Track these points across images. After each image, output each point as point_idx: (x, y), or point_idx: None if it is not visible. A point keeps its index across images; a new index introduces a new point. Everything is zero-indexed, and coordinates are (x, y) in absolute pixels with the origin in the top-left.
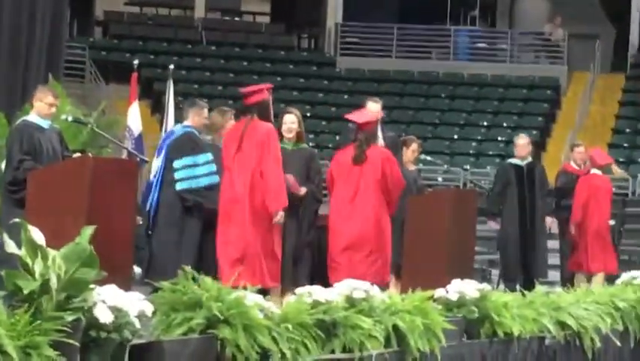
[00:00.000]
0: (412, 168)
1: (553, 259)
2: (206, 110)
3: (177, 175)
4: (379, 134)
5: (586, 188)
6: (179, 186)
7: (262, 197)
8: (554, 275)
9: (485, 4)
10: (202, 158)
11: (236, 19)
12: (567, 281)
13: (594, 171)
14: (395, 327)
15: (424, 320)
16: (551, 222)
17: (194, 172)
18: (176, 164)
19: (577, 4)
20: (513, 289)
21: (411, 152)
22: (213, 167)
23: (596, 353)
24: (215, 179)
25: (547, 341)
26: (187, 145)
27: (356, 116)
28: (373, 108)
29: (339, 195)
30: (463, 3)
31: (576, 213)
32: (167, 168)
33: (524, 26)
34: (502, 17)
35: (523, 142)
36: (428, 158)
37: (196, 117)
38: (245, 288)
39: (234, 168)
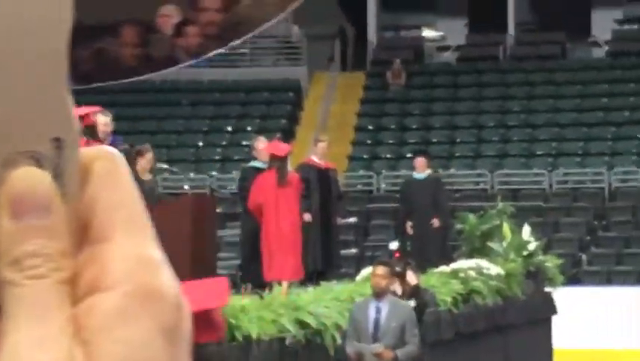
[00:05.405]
0: (148, 177)
1: None
2: None
3: None
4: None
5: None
6: None
7: None
8: None
9: None
10: None
11: None
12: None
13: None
14: None
15: None
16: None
17: None
18: None
19: (314, 4)
20: None
21: (146, 161)
22: None
23: (338, 350)
24: None
25: (287, 341)
26: None
27: (273, 148)
28: (103, 120)
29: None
30: None
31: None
32: None
33: (263, 30)
34: None
35: (263, 146)
36: (164, 166)
37: None
38: None
39: None
